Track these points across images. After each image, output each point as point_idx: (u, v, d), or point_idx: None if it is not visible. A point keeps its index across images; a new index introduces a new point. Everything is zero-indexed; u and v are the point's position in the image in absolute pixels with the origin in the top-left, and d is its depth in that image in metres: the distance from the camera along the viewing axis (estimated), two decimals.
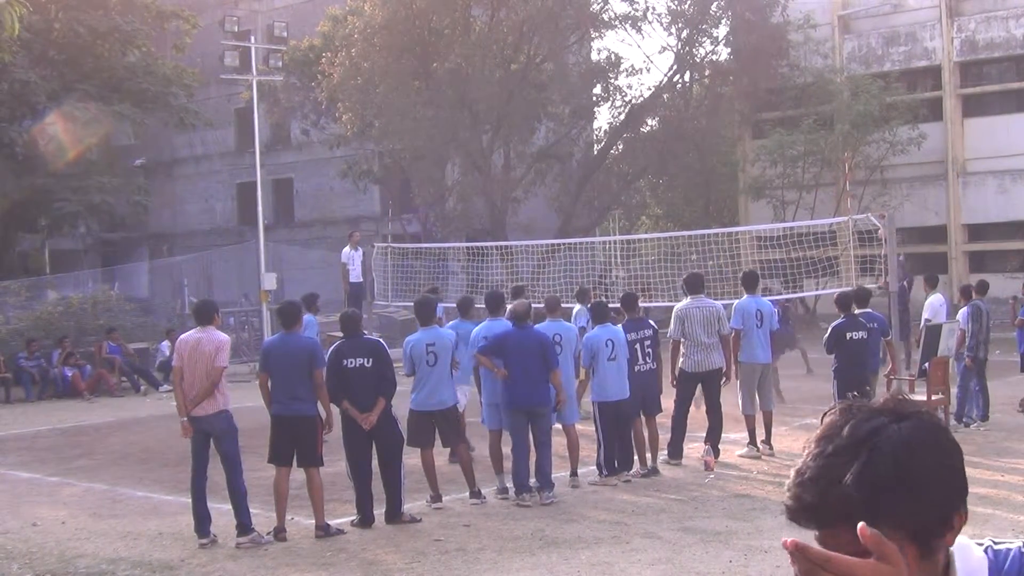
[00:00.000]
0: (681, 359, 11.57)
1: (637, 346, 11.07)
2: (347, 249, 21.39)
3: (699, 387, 11.72)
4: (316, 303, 14.32)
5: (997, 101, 29.74)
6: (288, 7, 38.80)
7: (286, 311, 9.47)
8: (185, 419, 8.89)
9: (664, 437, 11.55)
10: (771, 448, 12.04)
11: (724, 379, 11.72)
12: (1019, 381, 16.26)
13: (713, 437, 11.46)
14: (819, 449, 1.48)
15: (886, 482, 1.43)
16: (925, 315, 15.02)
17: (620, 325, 11.17)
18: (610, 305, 11.89)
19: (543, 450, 10.08)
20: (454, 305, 14.62)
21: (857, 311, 12.16)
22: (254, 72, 26.22)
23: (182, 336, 9.42)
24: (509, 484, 10.10)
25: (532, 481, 10.05)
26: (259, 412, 9.92)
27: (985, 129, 29.43)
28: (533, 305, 11.63)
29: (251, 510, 8.88)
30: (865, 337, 11.87)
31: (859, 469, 1.43)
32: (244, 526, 8.76)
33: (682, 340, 11.53)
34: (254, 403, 11.97)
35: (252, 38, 27.57)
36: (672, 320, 11.57)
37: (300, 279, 32.26)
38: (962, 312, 13.77)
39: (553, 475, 10.30)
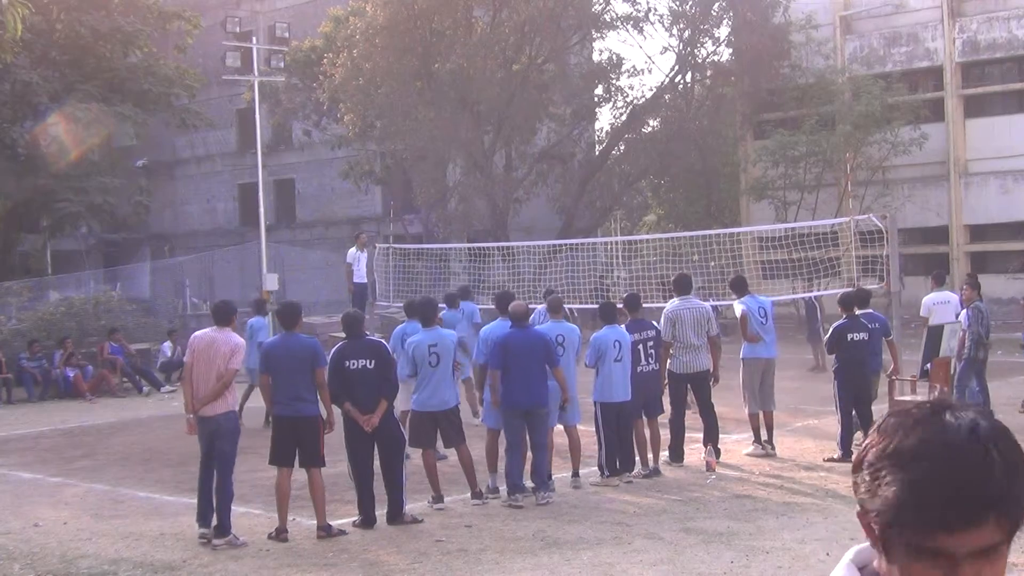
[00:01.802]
0: (670, 361, 11.58)
1: (640, 347, 11.07)
2: (353, 250, 21.40)
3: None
4: (265, 306, 16.82)
5: (999, 102, 29.72)
6: (290, 8, 38.84)
7: (286, 311, 9.46)
8: (191, 416, 8.88)
9: (664, 439, 11.56)
10: (773, 448, 12.04)
11: (713, 380, 11.73)
12: (1021, 382, 16.27)
13: (711, 437, 11.45)
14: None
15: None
16: (922, 312, 15.01)
17: (623, 326, 11.17)
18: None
19: (540, 451, 10.07)
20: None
21: (858, 311, 12.15)
22: (256, 73, 26.24)
23: (196, 333, 9.40)
24: (501, 485, 10.11)
25: (528, 483, 10.06)
26: (261, 412, 9.93)
27: (987, 130, 29.41)
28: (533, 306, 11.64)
29: (253, 511, 8.89)
30: (866, 338, 11.86)
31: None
32: (224, 528, 8.76)
33: (672, 342, 11.55)
34: (256, 403, 11.98)
35: (254, 39, 27.65)
36: (663, 322, 11.55)
37: (302, 280, 32.31)
38: (963, 313, 13.75)
39: (555, 476, 10.31)
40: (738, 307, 12.25)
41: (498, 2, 29.66)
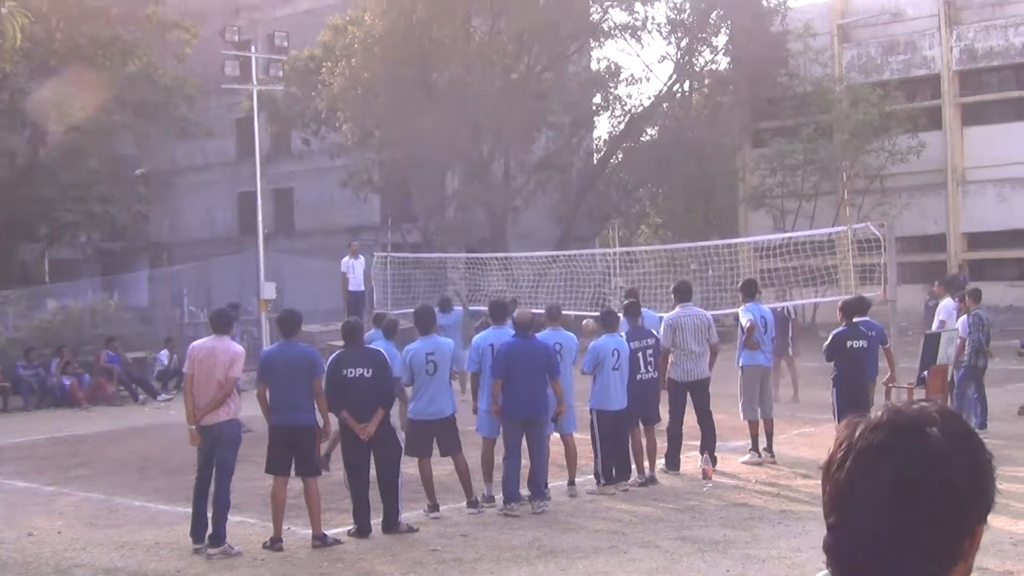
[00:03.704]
0: (670, 368, 11.57)
1: (639, 355, 11.07)
2: (347, 258, 21.48)
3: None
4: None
5: (996, 110, 29.77)
6: (289, 17, 38.86)
7: (286, 320, 9.43)
8: (193, 427, 8.84)
9: (661, 447, 11.54)
10: (773, 455, 12.02)
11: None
12: (1018, 389, 16.28)
13: (708, 445, 11.44)
14: None
15: None
16: (939, 317, 14.97)
17: (623, 334, 11.16)
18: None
19: (538, 459, 10.05)
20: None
21: (855, 319, 12.13)
22: (254, 82, 26.22)
23: (195, 343, 9.32)
24: (497, 493, 10.08)
25: (523, 492, 10.03)
26: (258, 421, 9.91)
27: (984, 138, 29.44)
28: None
29: (248, 520, 8.86)
30: (865, 346, 11.84)
31: None
32: (219, 537, 8.72)
33: (672, 349, 11.53)
34: (253, 412, 11.96)
35: (252, 48, 27.57)
36: (663, 329, 11.55)
37: (300, 289, 32.25)
38: (961, 320, 13.75)
39: (551, 484, 10.28)
40: (745, 315, 12.22)
41: (496, 11, 29.72)
